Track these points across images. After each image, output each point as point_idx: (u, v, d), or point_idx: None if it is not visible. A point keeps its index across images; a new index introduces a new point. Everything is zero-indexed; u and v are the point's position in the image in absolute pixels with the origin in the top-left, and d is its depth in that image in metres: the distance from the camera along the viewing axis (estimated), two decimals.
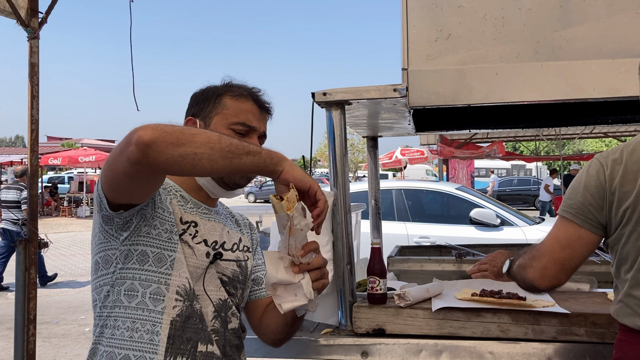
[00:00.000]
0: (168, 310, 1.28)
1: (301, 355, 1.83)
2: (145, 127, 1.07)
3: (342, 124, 1.88)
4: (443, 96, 1.86)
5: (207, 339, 1.33)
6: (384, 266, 1.88)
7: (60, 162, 21.13)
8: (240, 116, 1.43)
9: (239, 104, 1.44)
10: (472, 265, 2.45)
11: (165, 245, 1.30)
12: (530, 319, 1.70)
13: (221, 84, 1.49)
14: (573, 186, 1.46)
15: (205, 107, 1.44)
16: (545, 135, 12.69)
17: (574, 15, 1.84)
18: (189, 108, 1.48)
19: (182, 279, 1.30)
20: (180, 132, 1.09)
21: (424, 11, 1.91)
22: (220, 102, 1.44)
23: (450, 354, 1.72)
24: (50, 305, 7.01)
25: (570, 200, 1.45)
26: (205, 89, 1.48)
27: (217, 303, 1.37)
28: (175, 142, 1.07)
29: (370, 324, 1.79)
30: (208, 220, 1.43)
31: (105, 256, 1.31)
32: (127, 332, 1.27)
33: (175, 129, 1.09)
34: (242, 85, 1.48)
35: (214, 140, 1.11)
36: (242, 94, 1.45)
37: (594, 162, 1.44)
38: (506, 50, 1.86)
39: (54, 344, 5.47)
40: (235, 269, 1.45)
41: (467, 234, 5.85)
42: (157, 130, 1.07)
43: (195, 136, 1.10)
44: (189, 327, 1.30)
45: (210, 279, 1.37)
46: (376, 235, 2.89)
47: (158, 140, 1.06)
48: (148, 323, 1.27)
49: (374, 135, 2.88)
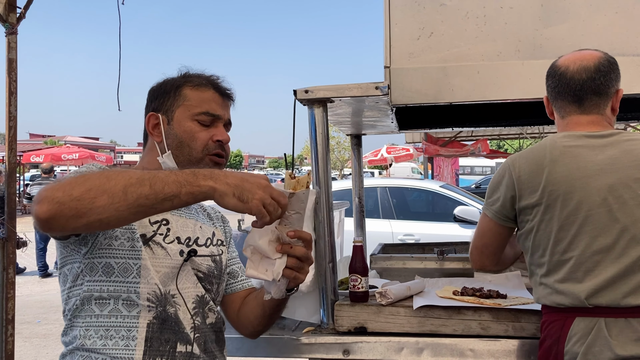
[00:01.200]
0: (144, 314, 1.26)
1: (283, 354, 1.82)
2: (42, 202, 1.02)
3: (325, 122, 1.88)
4: (425, 94, 1.87)
5: (185, 339, 1.31)
6: (366, 264, 1.87)
7: (43, 159, 20.86)
8: (203, 106, 1.40)
9: (199, 94, 1.41)
10: (454, 263, 2.47)
11: (129, 254, 1.27)
12: (511, 317, 1.71)
13: (178, 75, 1.46)
14: (490, 184, 1.67)
15: (165, 101, 1.41)
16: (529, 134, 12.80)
17: (554, 15, 1.85)
18: (148, 103, 1.45)
19: (151, 285, 1.27)
20: (78, 200, 1.01)
21: (407, 9, 1.91)
22: (180, 94, 1.41)
23: (431, 351, 1.73)
24: (31, 305, 6.92)
25: (487, 196, 1.66)
26: (162, 82, 1.45)
27: (194, 300, 1.36)
28: (75, 215, 1.01)
29: (352, 322, 1.79)
30: (179, 217, 1.40)
31: (71, 269, 1.29)
32: (100, 341, 1.24)
33: (74, 194, 1.01)
34: (201, 74, 1.45)
35: (118, 199, 1.02)
36: (202, 83, 1.42)
37: (503, 163, 1.63)
38: (488, 49, 1.87)
39: (35, 344, 5.39)
40: (210, 264, 1.43)
41: (451, 231, 5.88)
42: (53, 205, 1.01)
43: (95, 200, 1.01)
44: (166, 328, 1.28)
45: (187, 276, 1.35)
46: (359, 233, 2.89)
47: (56, 216, 1.01)
48: (123, 329, 1.25)
49: (358, 133, 2.88)
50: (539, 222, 1.53)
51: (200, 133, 1.39)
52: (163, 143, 1.39)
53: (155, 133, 1.41)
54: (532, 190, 1.53)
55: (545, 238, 1.52)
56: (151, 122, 1.42)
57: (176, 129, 1.39)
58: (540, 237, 1.53)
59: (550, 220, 1.50)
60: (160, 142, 1.40)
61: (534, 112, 2.39)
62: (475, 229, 1.72)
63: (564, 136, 1.56)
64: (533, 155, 1.56)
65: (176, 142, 1.39)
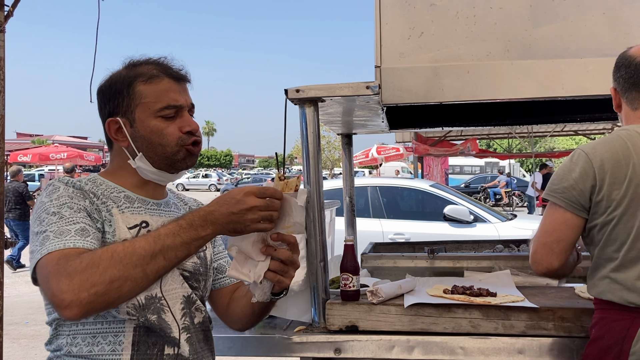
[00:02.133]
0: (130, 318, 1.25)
1: (274, 353, 1.83)
2: (70, 306, 1.05)
3: (316, 122, 1.88)
4: (415, 94, 1.87)
5: (173, 342, 1.29)
6: (357, 263, 1.88)
7: (30, 159, 20.66)
8: (162, 99, 1.31)
9: (154, 87, 1.31)
10: (445, 261, 2.49)
11: None
12: (500, 314, 1.72)
13: (123, 67, 1.36)
14: (558, 173, 1.56)
15: (121, 102, 1.32)
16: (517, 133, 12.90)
17: (543, 15, 1.87)
18: (101, 106, 1.36)
19: (131, 299, 1.23)
20: (105, 294, 1.06)
21: (397, 9, 1.92)
22: (134, 92, 1.31)
23: (422, 349, 1.74)
24: (19, 306, 6.85)
25: (554, 185, 1.54)
26: (111, 82, 1.35)
27: (182, 301, 1.34)
28: (105, 307, 1.09)
29: (343, 320, 1.80)
30: (159, 216, 1.36)
31: None
32: (87, 347, 1.23)
33: (99, 290, 1.05)
34: (148, 61, 1.35)
35: (141, 280, 1.09)
36: (153, 74, 1.32)
37: (579, 152, 1.54)
38: (477, 49, 1.88)
39: (23, 345, 5.35)
40: (195, 262, 1.40)
41: (441, 230, 5.91)
42: (83, 306, 1.05)
43: (121, 288, 1.07)
44: (153, 331, 1.27)
45: (172, 277, 1.32)
46: (350, 232, 2.90)
47: (89, 312, 1.07)
48: (110, 335, 1.24)
49: (349, 132, 2.88)
50: (620, 215, 1.46)
51: (168, 128, 1.31)
52: (131, 147, 1.32)
53: (120, 138, 1.33)
54: (617, 181, 1.46)
55: (625, 232, 1.46)
56: (112, 128, 1.33)
57: (141, 130, 1.31)
58: (619, 230, 1.47)
59: (634, 214, 1.45)
60: (127, 147, 1.33)
61: (523, 112, 2.42)
62: (540, 225, 1.59)
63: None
64: (614, 147, 1.49)
65: (145, 143, 1.32)
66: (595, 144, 1.55)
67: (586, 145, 1.56)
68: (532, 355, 1.69)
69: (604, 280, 1.50)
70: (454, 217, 6.03)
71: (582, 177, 1.50)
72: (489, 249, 2.91)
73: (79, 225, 1.19)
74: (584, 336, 1.66)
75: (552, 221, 1.55)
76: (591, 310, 1.66)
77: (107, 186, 1.33)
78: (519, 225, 6.13)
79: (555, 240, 1.54)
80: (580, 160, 1.52)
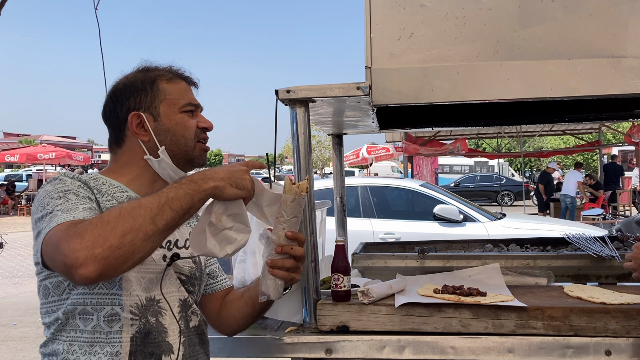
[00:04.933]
0: (126, 328, 1.25)
1: (265, 354, 1.82)
2: (85, 263, 1.03)
3: (306, 122, 1.88)
4: (406, 94, 1.88)
5: (169, 349, 1.30)
6: (348, 263, 1.88)
7: (18, 159, 20.47)
8: (184, 97, 1.43)
9: (176, 86, 1.43)
10: (435, 261, 2.49)
11: None
12: (490, 314, 1.73)
13: (139, 70, 1.45)
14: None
15: (144, 98, 1.39)
16: (506, 133, 12.99)
17: (532, 16, 1.88)
18: (120, 103, 1.40)
19: (133, 297, 1.27)
20: (119, 248, 1.05)
21: (387, 9, 1.92)
22: (158, 89, 1.40)
23: (413, 349, 1.74)
24: (7, 308, 6.79)
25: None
26: (131, 80, 1.42)
27: (179, 304, 1.35)
28: (121, 262, 1.06)
29: (334, 321, 1.80)
30: None
31: (55, 282, 1.26)
32: (84, 356, 1.23)
33: (113, 244, 1.04)
34: (163, 67, 1.46)
35: (151, 232, 1.09)
36: (172, 76, 1.44)
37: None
38: (467, 50, 1.89)
39: (10, 347, 5.30)
40: (191, 266, 1.43)
41: (431, 229, 5.95)
42: (98, 262, 1.03)
43: (134, 241, 1.07)
44: (149, 341, 1.28)
45: (170, 280, 1.34)
46: (341, 232, 2.90)
47: (105, 270, 1.04)
48: (107, 345, 1.24)
49: (339, 132, 2.88)
50: None
51: (190, 121, 1.43)
52: (152, 140, 1.38)
53: (140, 132, 1.38)
54: None
55: None
56: (134, 122, 1.38)
57: (167, 123, 1.39)
58: None
59: None
60: (148, 141, 1.38)
61: (512, 112, 2.43)
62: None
63: None
64: None
65: (170, 136, 1.39)
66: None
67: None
68: (522, 354, 1.70)
69: None
70: (444, 217, 6.07)
71: None
72: (478, 248, 2.93)
73: (86, 206, 1.21)
74: (573, 335, 1.67)
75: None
76: (579, 309, 1.68)
77: (110, 184, 1.35)
78: (508, 225, 6.18)
79: None
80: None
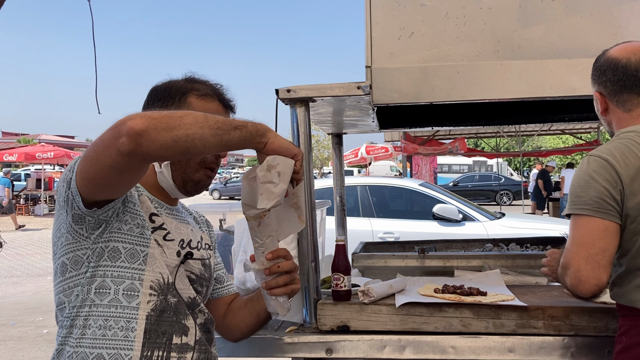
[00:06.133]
0: (143, 305, 1.27)
1: (266, 354, 1.82)
2: (133, 117, 1.06)
3: (307, 121, 1.88)
4: (406, 94, 1.88)
5: (181, 331, 1.32)
6: (348, 263, 1.88)
7: (16, 158, 20.43)
8: None
9: (204, 104, 1.40)
10: (435, 260, 2.49)
11: (138, 240, 1.28)
12: (491, 314, 1.73)
13: (183, 78, 1.45)
14: (579, 184, 1.46)
15: (169, 105, 1.40)
16: (505, 132, 13.01)
17: (532, 16, 1.88)
18: (149, 103, 1.43)
19: (155, 274, 1.29)
20: (169, 117, 1.08)
21: (387, 9, 1.92)
22: (185, 102, 1.40)
23: (413, 349, 1.74)
24: (5, 307, 6.78)
25: (582, 197, 1.43)
26: (167, 85, 1.43)
27: (186, 301, 1.36)
28: (166, 127, 1.06)
29: (334, 321, 1.80)
30: (174, 219, 1.42)
31: (74, 257, 1.26)
32: (100, 331, 1.24)
33: (162, 114, 1.09)
34: (206, 82, 1.45)
35: (201, 120, 1.11)
36: (208, 93, 1.42)
37: (595, 159, 1.45)
38: (467, 49, 1.89)
39: (9, 347, 5.29)
40: (201, 268, 1.44)
41: (430, 229, 5.94)
42: (146, 119, 1.06)
43: (183, 118, 1.09)
44: (163, 320, 1.29)
45: (180, 277, 1.36)
46: (341, 232, 2.90)
47: (150, 128, 1.05)
48: (122, 320, 1.25)
49: (339, 132, 2.88)
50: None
51: None
52: None
53: None
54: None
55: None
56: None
57: None
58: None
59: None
60: None
61: (512, 111, 2.44)
62: (574, 241, 1.45)
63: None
64: (632, 151, 1.43)
65: None
66: (609, 149, 1.46)
67: (599, 150, 1.48)
68: (522, 354, 1.70)
69: (635, 290, 1.44)
70: (443, 216, 6.06)
71: (609, 183, 1.41)
72: (478, 247, 2.93)
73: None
74: (574, 335, 1.67)
75: (589, 232, 1.41)
76: (579, 308, 1.68)
77: None
78: (507, 224, 6.18)
79: (600, 251, 1.39)
80: (600, 166, 1.43)
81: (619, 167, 1.41)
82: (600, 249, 1.41)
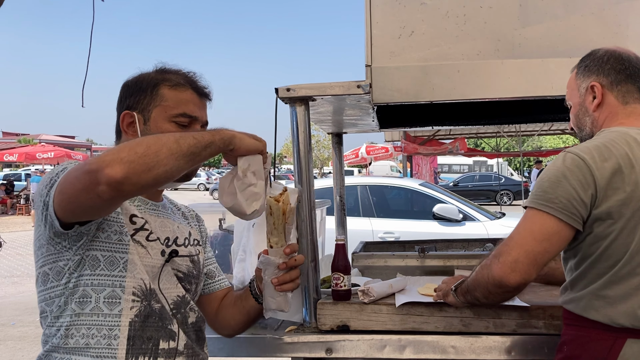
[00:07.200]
0: (126, 312, 1.25)
1: (265, 354, 1.82)
2: (110, 163, 1.05)
3: (306, 120, 1.87)
4: (406, 93, 1.87)
5: (168, 336, 1.31)
6: (348, 262, 1.88)
7: (17, 158, 20.45)
8: (180, 107, 1.37)
9: (177, 94, 1.37)
10: (435, 260, 2.49)
11: (116, 247, 1.26)
12: (491, 313, 1.72)
13: (154, 70, 1.42)
14: (549, 179, 1.39)
15: (142, 99, 1.37)
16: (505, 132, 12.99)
17: (532, 15, 1.87)
18: (122, 99, 1.40)
19: (137, 280, 1.27)
20: (144, 155, 1.07)
21: (387, 8, 1.92)
22: (157, 93, 1.37)
23: (413, 349, 1.74)
24: (5, 307, 6.78)
25: (548, 194, 1.37)
26: (138, 79, 1.40)
27: (174, 300, 1.35)
28: (145, 169, 1.07)
29: (334, 320, 1.79)
30: (157, 217, 1.39)
31: (55, 267, 1.25)
32: (83, 340, 1.23)
33: (137, 152, 1.07)
34: (178, 71, 1.41)
35: (175, 150, 1.12)
36: (180, 82, 1.38)
37: (572, 157, 1.38)
38: (467, 48, 1.88)
39: (9, 347, 5.29)
40: (189, 265, 1.42)
41: (431, 229, 5.93)
42: (124, 164, 1.05)
43: (158, 153, 1.09)
44: (148, 325, 1.28)
45: (167, 276, 1.34)
46: (341, 231, 2.89)
47: (129, 174, 1.05)
48: (104, 328, 1.24)
49: (339, 131, 2.88)
50: (620, 229, 1.34)
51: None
52: None
53: (129, 132, 1.38)
54: (619, 191, 1.33)
55: (623, 248, 1.34)
56: (126, 121, 1.38)
57: (152, 129, 1.35)
58: (618, 245, 1.35)
59: (634, 229, 1.33)
60: None
61: (512, 111, 2.43)
62: (523, 232, 1.40)
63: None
64: (611, 152, 1.35)
65: None
66: (588, 148, 1.38)
67: (578, 148, 1.40)
68: (523, 354, 1.69)
69: (589, 297, 1.39)
70: (444, 216, 6.06)
71: (581, 184, 1.34)
72: (478, 247, 2.93)
73: None
74: None
75: (541, 230, 1.37)
76: None
77: None
78: (507, 224, 6.17)
79: (543, 252, 1.36)
80: (576, 165, 1.36)
81: (595, 168, 1.34)
82: (545, 250, 1.36)
